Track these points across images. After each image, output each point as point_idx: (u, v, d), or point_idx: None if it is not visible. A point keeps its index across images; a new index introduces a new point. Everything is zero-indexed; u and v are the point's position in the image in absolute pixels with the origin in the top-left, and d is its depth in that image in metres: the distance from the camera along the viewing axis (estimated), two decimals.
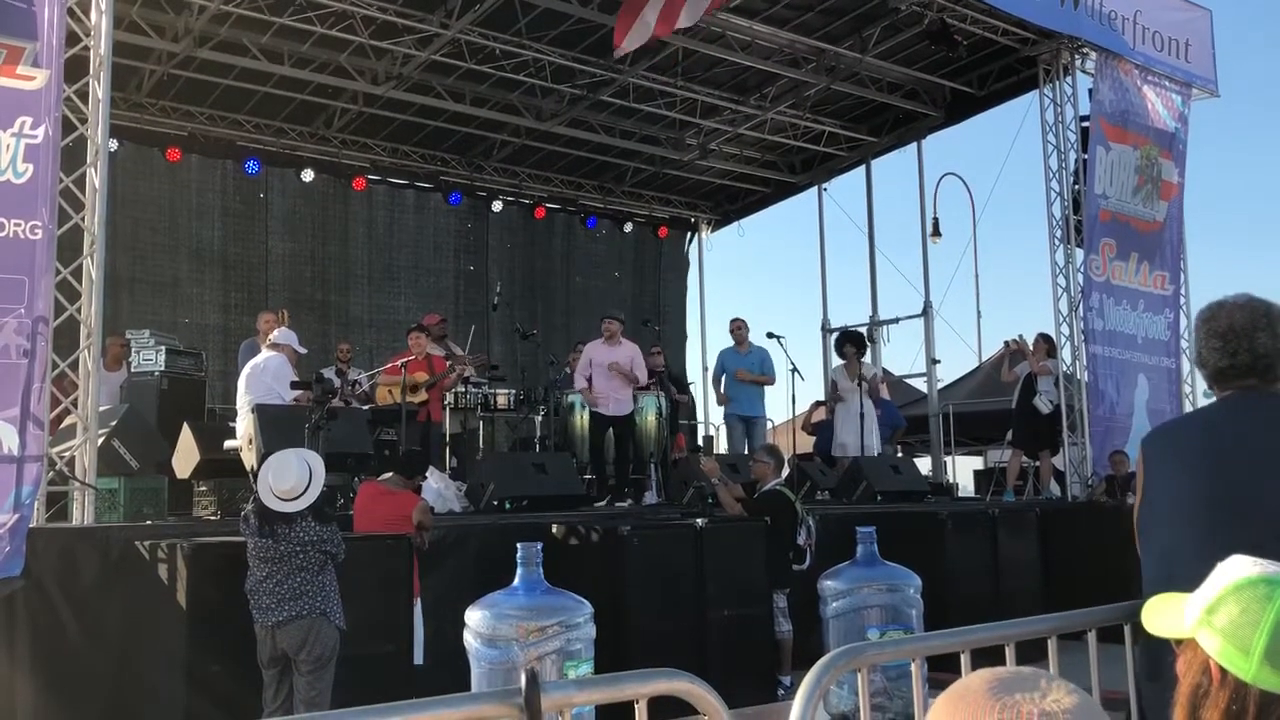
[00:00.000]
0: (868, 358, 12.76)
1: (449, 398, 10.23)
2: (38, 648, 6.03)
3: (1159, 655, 2.32)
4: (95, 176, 6.98)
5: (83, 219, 6.93)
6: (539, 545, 4.13)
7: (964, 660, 2.63)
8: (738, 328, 11.93)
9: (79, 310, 6.86)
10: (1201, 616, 1.37)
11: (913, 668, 2.69)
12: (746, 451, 11.25)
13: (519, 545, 4.08)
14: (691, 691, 2.23)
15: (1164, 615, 1.49)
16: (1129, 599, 2.91)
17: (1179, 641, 1.42)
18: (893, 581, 5.06)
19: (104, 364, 8.44)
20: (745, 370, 11.74)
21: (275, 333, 8.85)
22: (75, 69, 6.99)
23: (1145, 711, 2.72)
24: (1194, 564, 1.52)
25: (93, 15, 7.09)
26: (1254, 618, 1.31)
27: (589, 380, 10.05)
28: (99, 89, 7.05)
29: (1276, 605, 1.29)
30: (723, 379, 12.01)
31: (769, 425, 14.00)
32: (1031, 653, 2.89)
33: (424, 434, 9.81)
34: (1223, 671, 1.33)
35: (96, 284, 6.92)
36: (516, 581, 4.05)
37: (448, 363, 10.37)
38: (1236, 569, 1.38)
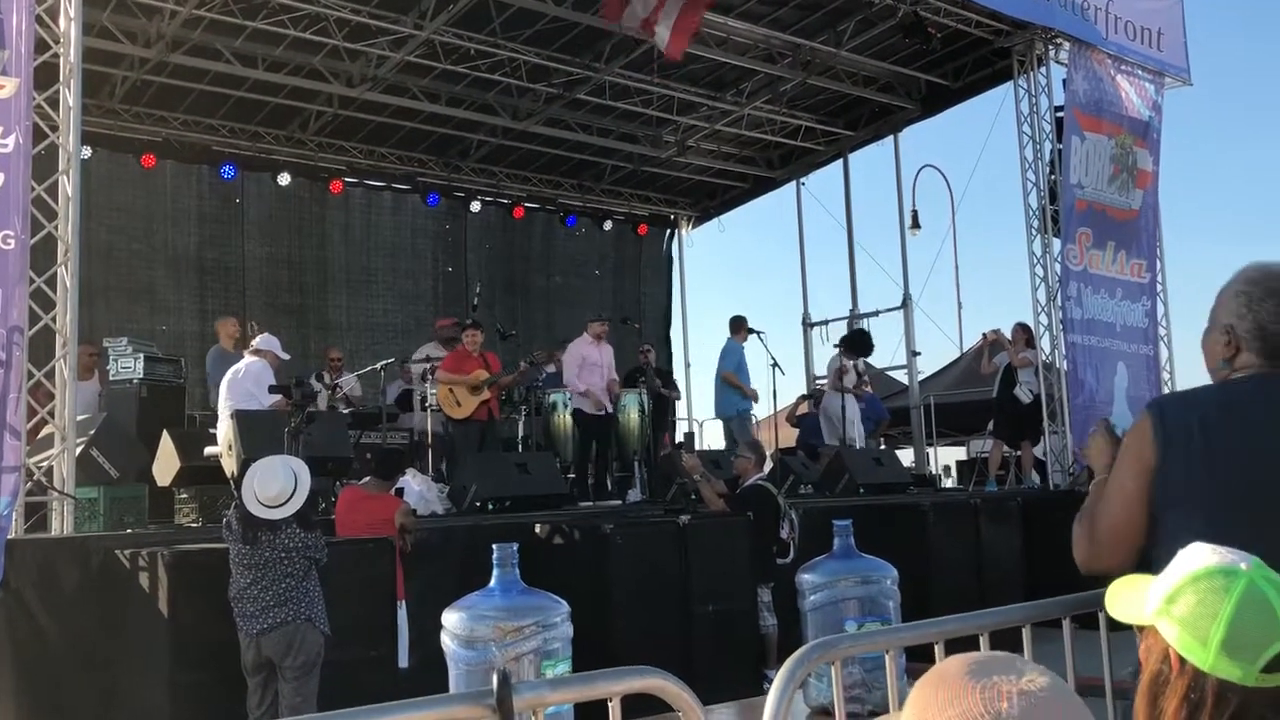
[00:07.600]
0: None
1: (430, 399, 10.21)
2: (18, 659, 5.99)
3: None
4: (68, 184, 6.93)
5: (56, 227, 6.88)
6: (514, 546, 4.13)
7: (938, 651, 2.65)
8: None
9: (54, 319, 6.82)
10: (1161, 605, 1.37)
11: (887, 659, 2.71)
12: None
13: (494, 546, 4.08)
14: (665, 689, 2.23)
15: (1127, 601, 1.49)
16: (1108, 586, 2.92)
17: (1141, 628, 1.43)
18: (869, 573, 5.07)
19: None
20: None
21: (258, 339, 8.83)
22: (45, 76, 6.93)
23: None
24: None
25: (61, 22, 7.03)
26: (1211, 609, 1.31)
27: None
28: (70, 96, 6.99)
29: (1233, 597, 1.30)
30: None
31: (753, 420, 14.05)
32: (1007, 642, 2.91)
33: (483, 433, 9.82)
34: (1181, 660, 1.34)
35: (71, 293, 6.87)
36: (493, 582, 4.05)
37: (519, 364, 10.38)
38: (1195, 558, 1.38)
